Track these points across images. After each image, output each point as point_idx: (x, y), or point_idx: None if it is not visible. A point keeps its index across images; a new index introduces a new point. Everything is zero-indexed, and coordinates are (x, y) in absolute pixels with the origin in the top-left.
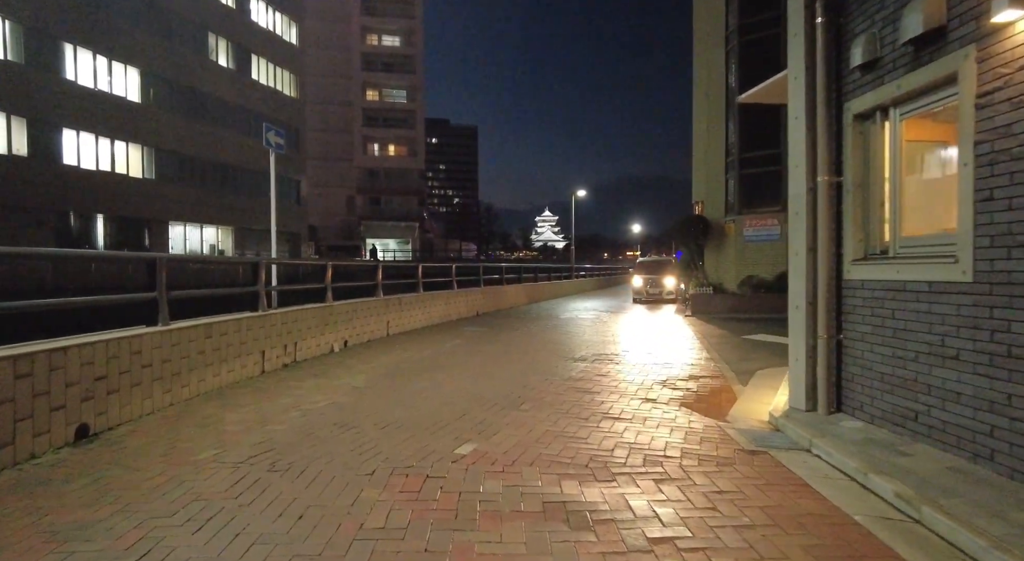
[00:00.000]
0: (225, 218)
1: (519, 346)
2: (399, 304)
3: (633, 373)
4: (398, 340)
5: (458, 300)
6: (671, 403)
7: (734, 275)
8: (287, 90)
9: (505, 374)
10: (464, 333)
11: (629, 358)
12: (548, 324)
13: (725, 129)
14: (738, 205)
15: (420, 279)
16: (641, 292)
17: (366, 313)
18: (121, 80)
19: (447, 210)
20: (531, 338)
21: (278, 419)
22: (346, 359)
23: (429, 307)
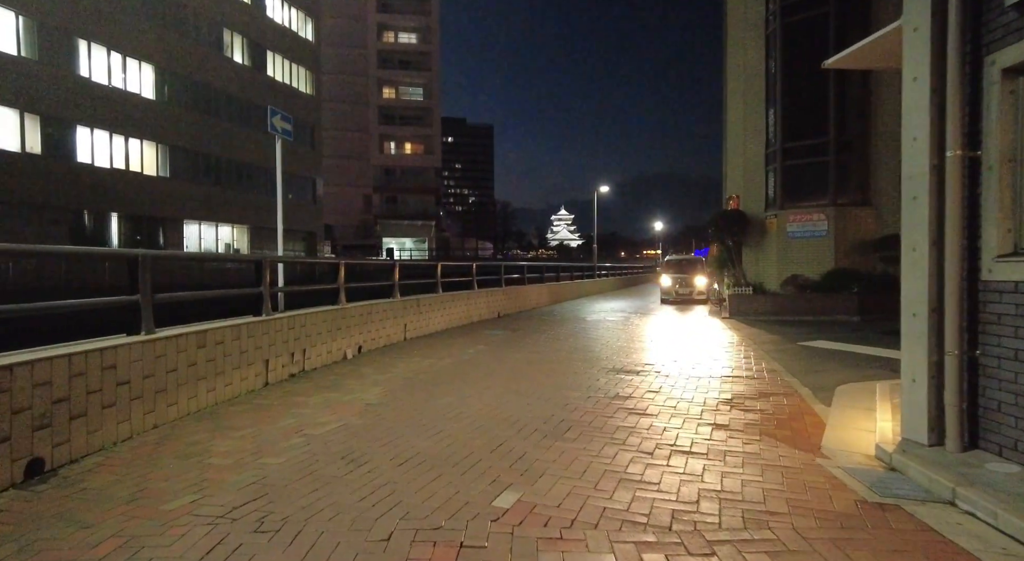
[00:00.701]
0: (241, 217)
1: (549, 353)
2: (417, 306)
3: (689, 388)
4: (416, 345)
5: (479, 301)
6: (747, 429)
7: (776, 274)
8: (303, 87)
9: (539, 389)
10: (487, 337)
11: (678, 369)
12: (576, 327)
13: (765, 118)
14: (780, 199)
15: (439, 279)
16: (670, 292)
17: (382, 316)
18: (136, 77)
19: (463, 209)
20: (560, 343)
21: (276, 448)
22: (360, 367)
23: (449, 309)
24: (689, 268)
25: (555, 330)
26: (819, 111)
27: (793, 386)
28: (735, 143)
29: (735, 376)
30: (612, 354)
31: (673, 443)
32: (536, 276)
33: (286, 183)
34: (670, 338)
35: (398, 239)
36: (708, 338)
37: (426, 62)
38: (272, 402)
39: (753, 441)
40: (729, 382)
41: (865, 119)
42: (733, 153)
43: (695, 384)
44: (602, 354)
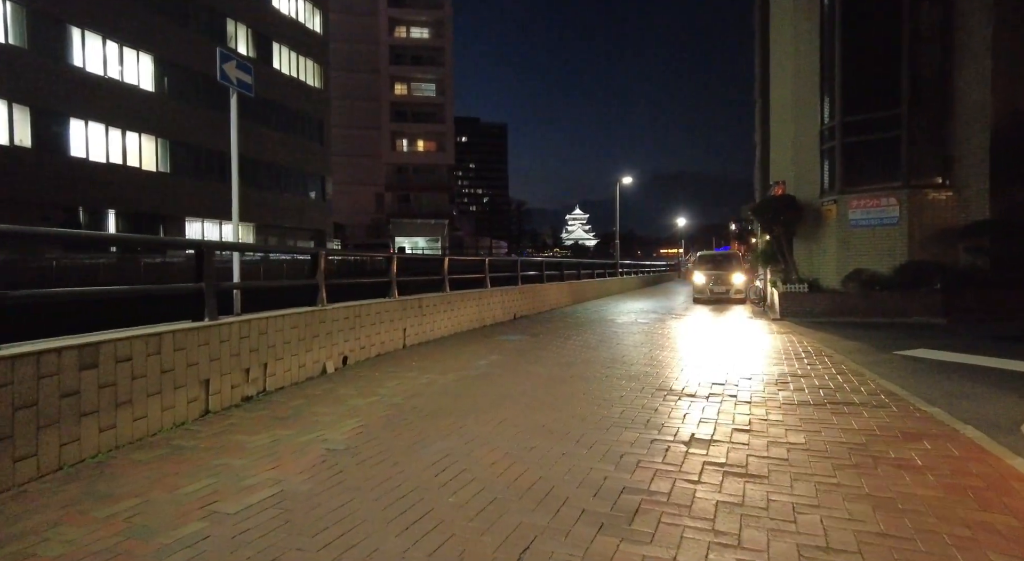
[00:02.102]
0: (247, 214)
1: (580, 366)
2: (419, 307)
3: (791, 424)
4: (416, 355)
5: (492, 301)
6: (934, 509)
7: (834, 269)
8: (311, 80)
9: (575, 424)
10: (501, 345)
11: (759, 390)
12: (606, 331)
13: (820, 92)
14: (839, 183)
15: (446, 275)
16: (704, 290)
17: (374, 319)
18: (133, 67)
19: (477, 209)
20: (592, 353)
21: (147, 550)
22: (339, 386)
23: (457, 310)
24: (725, 264)
25: (582, 335)
26: (888, 79)
27: (944, 421)
28: (782, 123)
29: (846, 402)
30: (660, 367)
31: (824, 544)
32: (556, 274)
33: (293, 180)
34: (724, 345)
35: (411, 238)
36: (771, 345)
37: (439, 57)
38: (197, 444)
39: (964, 541)
40: (844, 414)
41: (944, 86)
42: (779, 135)
43: (795, 416)
44: (647, 367)
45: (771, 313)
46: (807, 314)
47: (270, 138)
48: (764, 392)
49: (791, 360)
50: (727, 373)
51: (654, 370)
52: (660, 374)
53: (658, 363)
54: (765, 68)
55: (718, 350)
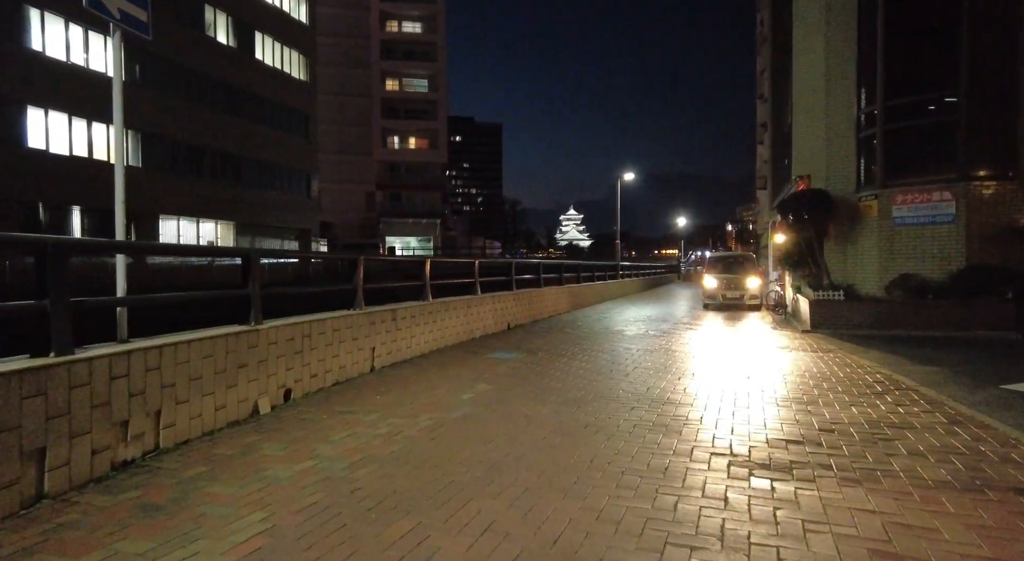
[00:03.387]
0: (226, 212)
1: (594, 406)
2: (392, 320)
3: (968, 540)
4: (385, 382)
5: (483, 309)
6: None
7: (875, 273)
8: (296, 73)
9: (609, 541)
10: (492, 367)
11: (864, 456)
12: (616, 347)
13: (856, 73)
14: (881, 175)
15: (428, 281)
16: (716, 296)
17: (331, 338)
18: (99, 53)
19: (471, 209)
20: (605, 383)
21: None
22: (266, 441)
23: (441, 321)
24: (738, 267)
25: (588, 353)
26: (942, 56)
27: None
28: (807, 112)
29: (1008, 484)
30: (698, 408)
31: None
32: (554, 276)
33: (277, 176)
34: (766, 369)
35: (403, 238)
36: (826, 371)
37: (432, 52)
38: None
39: None
40: (1018, 505)
41: (1010, 64)
42: (804, 124)
43: (949, 514)
44: (682, 408)
45: (797, 323)
46: (843, 325)
47: (252, 132)
48: (868, 459)
49: (868, 397)
50: (795, 418)
51: (693, 413)
52: (704, 421)
53: (694, 401)
54: (779, 58)
55: (763, 377)
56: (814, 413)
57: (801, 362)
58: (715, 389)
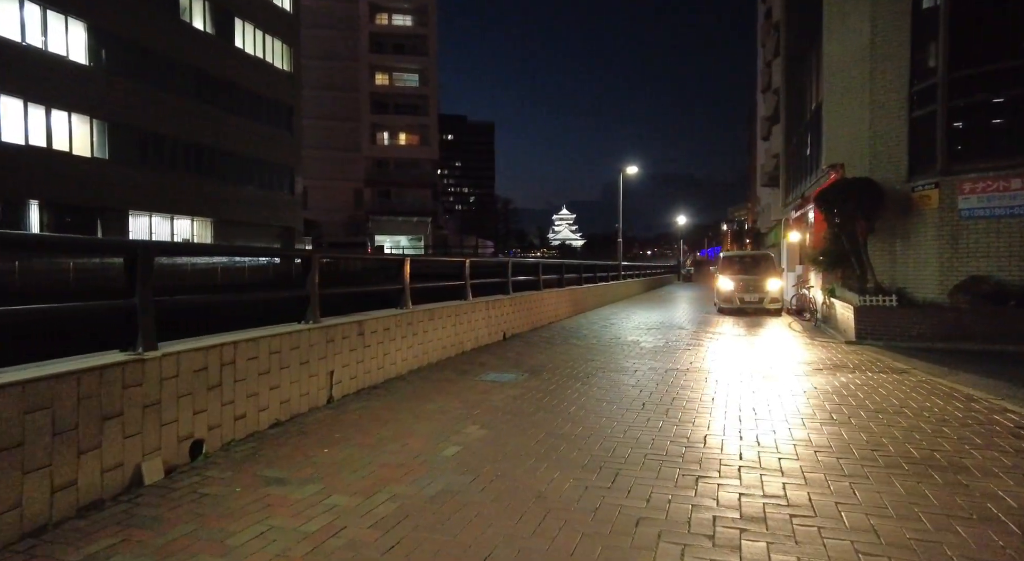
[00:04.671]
0: (202, 208)
1: (634, 473)
2: (359, 335)
3: None
4: (341, 424)
5: (475, 316)
6: None
7: (935, 275)
8: (279, 63)
9: None
10: (485, 397)
11: None
12: (640, 369)
13: (911, 41)
14: (943, 160)
15: (407, 285)
16: (732, 299)
17: (266, 363)
18: (60, 36)
19: (463, 208)
20: (639, 421)
21: None
22: (122, 547)
23: (424, 333)
24: (756, 267)
25: (605, 373)
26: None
27: None
28: (842, 93)
29: None
30: (797, 473)
31: None
32: (554, 278)
33: (258, 171)
34: (850, 402)
35: (392, 237)
36: (933, 407)
37: (422, 46)
38: None
39: None
40: None
41: None
42: (837, 107)
43: None
44: (775, 477)
45: (834, 332)
46: (897, 336)
47: (231, 124)
48: None
49: (1016, 455)
50: (963, 504)
51: (795, 492)
52: (818, 504)
53: (781, 462)
54: (795, 46)
55: (855, 416)
56: (987, 495)
57: (883, 389)
58: (798, 434)
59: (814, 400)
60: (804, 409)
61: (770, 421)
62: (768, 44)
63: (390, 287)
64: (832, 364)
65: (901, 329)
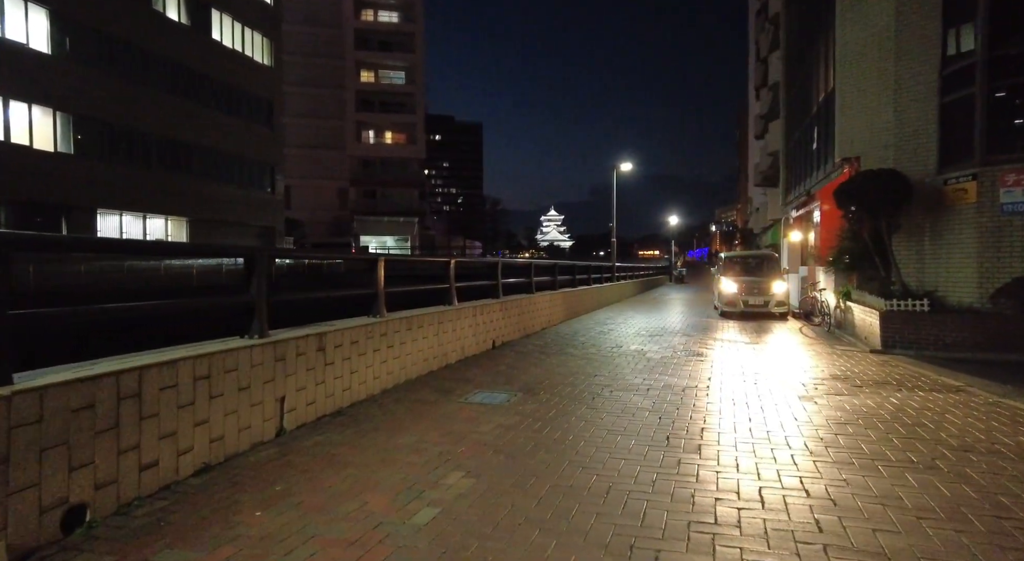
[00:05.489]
0: (177, 207)
1: (680, 542)
2: (319, 350)
3: None
4: (285, 472)
5: (460, 324)
6: None
7: (972, 277)
8: (259, 57)
9: None
10: (472, 425)
11: None
12: (652, 385)
13: (943, 19)
14: (982, 148)
15: (382, 289)
16: (735, 302)
17: (189, 394)
18: (19, 22)
19: (451, 208)
20: (668, 464)
21: None
22: None
23: (401, 345)
24: (761, 269)
25: (612, 390)
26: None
27: None
28: (859, 80)
29: None
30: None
31: None
32: (548, 280)
33: (237, 169)
34: (933, 435)
35: (378, 237)
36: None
37: (409, 43)
38: None
39: None
40: None
41: None
42: (854, 97)
43: None
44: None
45: (852, 339)
46: (931, 345)
47: (208, 118)
48: None
49: None
50: None
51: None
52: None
53: (879, 544)
54: (796, 39)
55: (954, 469)
56: None
57: (951, 415)
58: (881, 486)
59: (875, 432)
60: (869, 446)
61: (832, 464)
62: (763, 40)
63: (362, 291)
64: (871, 380)
65: (934, 337)
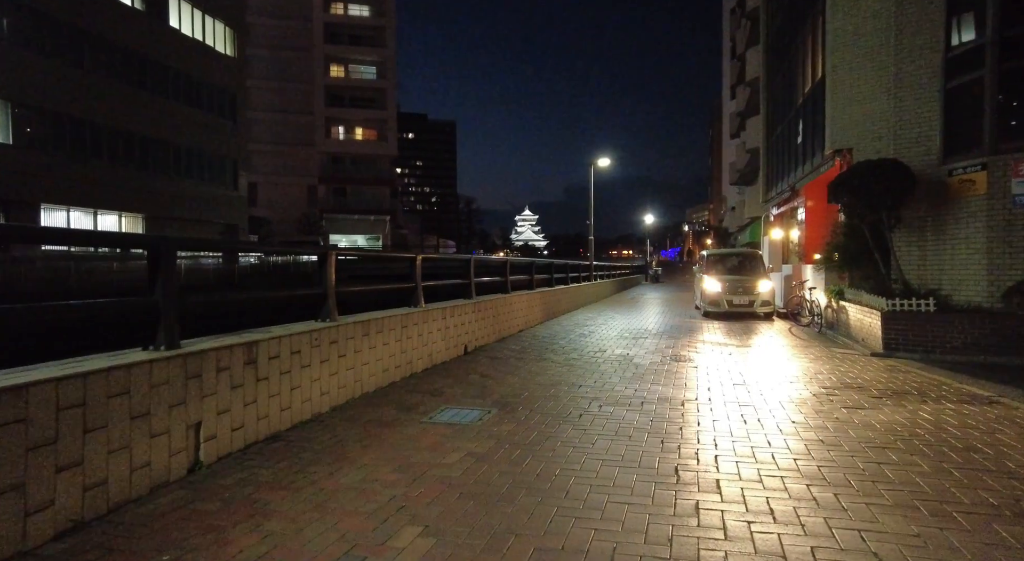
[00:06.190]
0: (131, 202)
1: None
2: (248, 362)
3: None
4: (195, 519)
5: (429, 327)
6: None
7: (982, 275)
8: (221, 46)
9: None
10: (436, 455)
11: None
12: (645, 397)
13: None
14: (992, 135)
15: (331, 289)
16: (719, 302)
17: (53, 427)
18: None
19: (424, 208)
20: (684, 510)
21: None
22: None
23: (355, 354)
24: (744, 267)
25: (605, 406)
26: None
27: None
28: (853, 66)
29: None
30: None
31: None
32: (524, 279)
33: (196, 163)
34: (991, 462)
35: (348, 236)
36: None
37: (380, 38)
38: None
39: None
40: None
41: None
42: (846, 84)
43: None
44: None
45: (847, 341)
46: (937, 347)
47: (166, 110)
48: None
49: None
50: None
51: None
52: None
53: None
54: (777, 32)
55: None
56: None
57: (1002, 435)
58: (959, 538)
59: (925, 460)
60: (927, 481)
61: (891, 510)
62: (739, 36)
63: (314, 292)
64: (887, 389)
65: (941, 339)
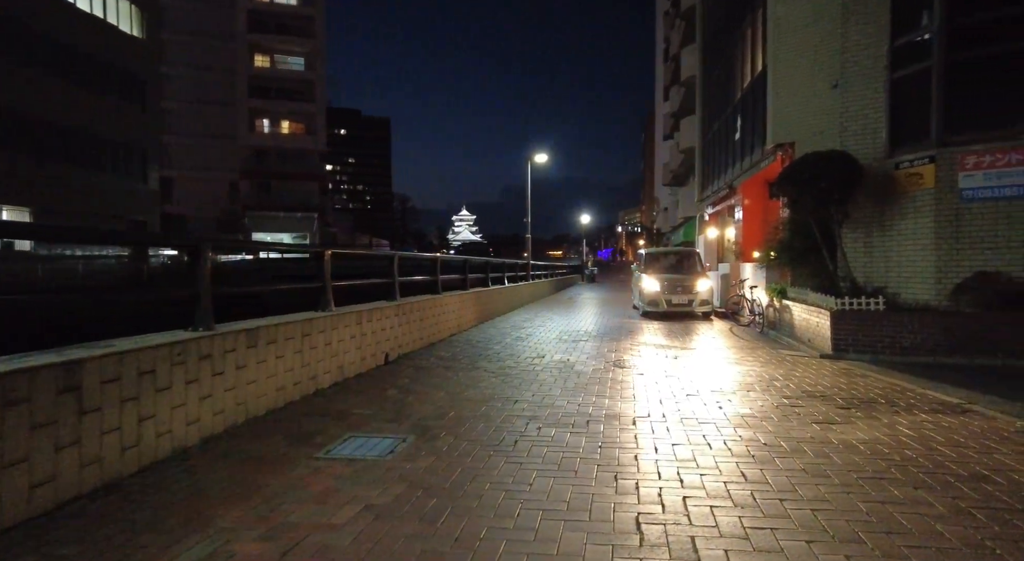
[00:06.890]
0: (18, 194)
1: None
2: (68, 389)
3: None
4: None
5: (339, 334)
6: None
7: (929, 272)
8: (128, 27)
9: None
10: (320, 513)
11: None
12: (592, 414)
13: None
14: (939, 128)
15: (206, 290)
16: (658, 301)
17: None
18: None
19: (358, 206)
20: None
21: None
22: None
23: (238, 372)
24: (682, 266)
25: (546, 427)
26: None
27: None
28: (795, 58)
29: None
30: None
31: None
32: (458, 278)
33: (99, 153)
34: (996, 493)
35: (273, 234)
36: None
37: (308, 28)
38: None
39: None
40: None
41: None
42: (789, 77)
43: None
44: None
45: (791, 341)
46: (886, 348)
47: (61, 92)
48: None
49: None
50: None
51: None
52: None
53: None
54: (715, 27)
55: None
56: None
57: (998, 456)
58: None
59: (930, 493)
60: (947, 527)
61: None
62: (673, 37)
63: (180, 293)
64: (852, 398)
65: (891, 339)
